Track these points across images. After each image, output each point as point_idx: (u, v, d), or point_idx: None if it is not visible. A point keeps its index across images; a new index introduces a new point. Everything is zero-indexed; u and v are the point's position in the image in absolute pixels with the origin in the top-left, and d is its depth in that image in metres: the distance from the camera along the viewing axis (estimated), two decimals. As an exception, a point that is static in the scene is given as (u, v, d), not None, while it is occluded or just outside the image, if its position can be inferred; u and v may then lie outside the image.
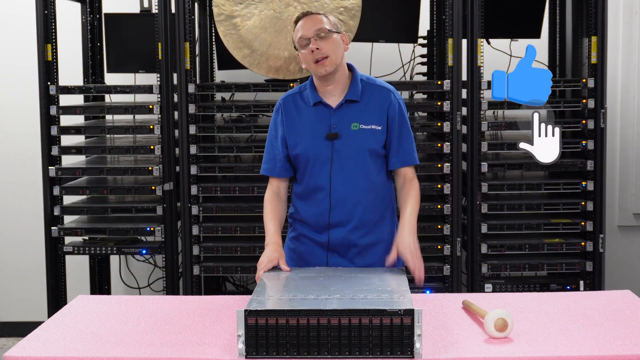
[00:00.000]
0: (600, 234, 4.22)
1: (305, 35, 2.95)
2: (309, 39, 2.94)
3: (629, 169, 5.18)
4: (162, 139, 4.29)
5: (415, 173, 3.11)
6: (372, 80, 3.07)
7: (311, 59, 2.94)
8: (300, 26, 2.98)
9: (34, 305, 5.34)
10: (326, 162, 2.99)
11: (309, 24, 2.96)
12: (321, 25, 2.95)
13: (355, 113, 2.99)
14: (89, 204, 4.45)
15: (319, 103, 3.01)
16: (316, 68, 2.95)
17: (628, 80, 5.14)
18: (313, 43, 2.93)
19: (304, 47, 2.96)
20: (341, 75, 3.01)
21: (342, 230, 3.02)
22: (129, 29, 4.74)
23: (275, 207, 3.07)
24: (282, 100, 3.10)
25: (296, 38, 2.99)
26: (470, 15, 4.16)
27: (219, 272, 4.33)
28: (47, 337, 2.49)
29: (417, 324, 2.25)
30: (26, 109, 5.17)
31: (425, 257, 4.24)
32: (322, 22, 2.96)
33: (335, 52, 2.95)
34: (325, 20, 2.98)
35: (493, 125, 4.23)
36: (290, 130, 3.03)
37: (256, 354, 2.27)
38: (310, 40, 2.93)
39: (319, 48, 2.92)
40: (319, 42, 2.93)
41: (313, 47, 2.93)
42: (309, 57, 2.95)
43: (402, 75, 4.84)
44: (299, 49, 2.99)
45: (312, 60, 2.94)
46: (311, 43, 2.93)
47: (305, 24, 2.97)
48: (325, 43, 2.93)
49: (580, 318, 2.62)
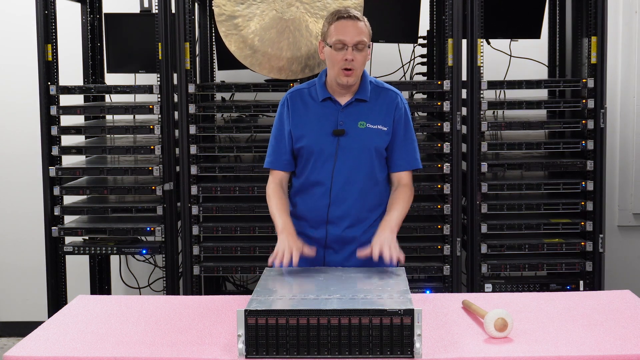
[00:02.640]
0: (600, 234, 4.22)
1: (345, 41, 2.92)
2: (348, 46, 2.92)
3: (629, 169, 5.18)
4: (162, 139, 4.29)
5: (411, 180, 3.11)
6: (380, 83, 3.10)
7: (340, 65, 2.93)
8: (343, 27, 2.94)
9: (34, 305, 5.34)
10: (330, 157, 3.00)
11: (353, 30, 2.93)
12: (363, 37, 2.93)
13: (363, 112, 3.01)
14: (89, 204, 4.45)
15: (328, 99, 3.02)
16: (339, 74, 2.94)
17: (628, 80, 5.14)
18: (350, 53, 2.91)
19: (338, 50, 2.93)
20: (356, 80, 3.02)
21: (339, 227, 3.03)
22: (129, 29, 4.74)
23: (280, 197, 3.06)
24: (288, 94, 3.10)
25: (333, 37, 2.94)
26: (470, 15, 4.16)
27: (219, 272, 4.33)
28: (47, 337, 2.49)
29: (417, 324, 2.25)
30: (26, 109, 5.17)
31: (425, 257, 4.29)
32: (364, 33, 2.94)
33: (363, 65, 2.97)
34: (366, 31, 2.96)
35: (493, 125, 4.23)
36: (296, 123, 3.04)
37: (256, 354, 2.27)
38: (349, 49, 2.91)
39: (353, 60, 2.91)
40: (356, 53, 2.92)
41: (349, 57, 2.91)
42: (338, 61, 2.93)
43: (402, 75, 4.84)
44: (330, 47, 2.95)
45: (342, 66, 2.93)
46: (348, 53, 2.91)
47: (349, 28, 2.93)
48: (359, 55, 2.93)
49: (580, 318, 2.62)
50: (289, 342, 2.27)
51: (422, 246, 4.22)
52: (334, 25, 2.96)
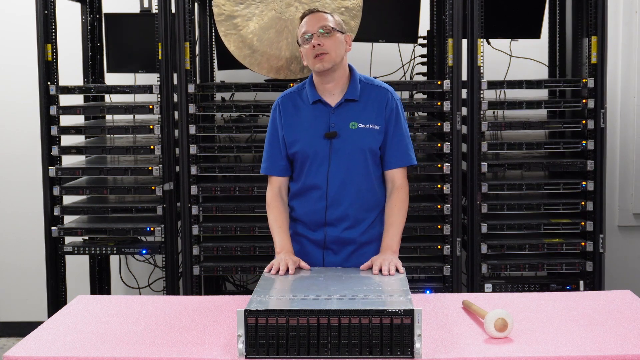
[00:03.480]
0: (600, 234, 4.22)
1: (308, 31, 2.99)
2: (312, 34, 2.97)
3: (629, 169, 5.18)
4: (162, 139, 4.29)
5: (406, 177, 3.10)
6: (370, 81, 3.09)
7: (311, 54, 2.97)
8: (305, 22, 3.03)
9: (34, 305, 5.34)
10: (324, 160, 3.00)
11: (314, 20, 3.00)
12: (325, 22, 2.99)
13: (354, 112, 3.01)
14: (89, 204, 4.45)
15: (318, 101, 3.03)
16: (314, 63, 2.98)
17: (628, 80, 5.14)
18: (315, 39, 2.96)
19: (306, 43, 2.99)
20: (341, 74, 3.02)
21: (337, 228, 3.03)
22: (129, 29, 4.74)
23: (280, 211, 3.08)
24: (279, 99, 3.11)
25: (300, 33, 3.03)
26: (470, 15, 4.16)
27: (219, 272, 4.33)
28: (47, 337, 2.49)
29: (417, 324, 2.25)
30: (26, 109, 5.17)
31: (425, 257, 4.29)
32: (327, 20, 3.00)
33: (336, 50, 2.98)
34: (330, 18, 3.02)
35: (493, 125, 4.23)
36: (288, 128, 3.04)
37: (256, 354, 2.27)
38: (313, 36, 2.97)
39: (320, 44, 2.96)
40: (322, 38, 2.97)
41: (315, 43, 2.96)
42: (309, 53, 2.98)
43: (402, 75, 4.84)
44: (301, 44, 3.03)
45: (312, 55, 2.97)
46: (313, 39, 2.97)
47: (310, 20, 3.01)
48: (327, 40, 2.97)
49: (580, 318, 2.62)
50: (289, 342, 2.26)
51: (422, 246, 4.22)
52: (300, 24, 3.06)
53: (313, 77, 3.07)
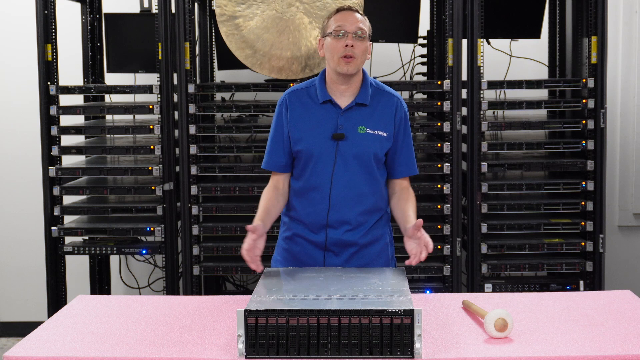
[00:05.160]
0: (600, 234, 4.22)
1: (345, 28, 2.92)
2: (348, 33, 2.91)
3: (629, 169, 5.18)
4: (162, 139, 4.29)
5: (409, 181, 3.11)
6: (381, 86, 3.06)
7: (340, 52, 2.91)
8: (342, 16, 2.95)
9: (34, 305, 5.34)
10: (329, 162, 2.98)
11: (353, 19, 2.94)
12: (363, 26, 2.94)
13: (363, 116, 2.98)
14: (89, 204, 4.45)
15: (328, 102, 2.99)
16: (339, 63, 2.91)
17: (628, 80, 5.14)
18: (350, 39, 2.90)
19: (337, 38, 2.92)
20: (357, 78, 2.99)
21: (339, 231, 3.01)
22: (129, 29, 4.74)
23: (268, 198, 3.04)
24: (287, 94, 3.06)
25: (332, 25, 2.94)
26: (470, 15, 4.16)
27: (219, 272, 4.33)
28: (47, 337, 2.49)
29: (417, 324, 2.25)
30: (26, 109, 5.18)
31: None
32: (364, 24, 2.96)
33: (363, 56, 2.94)
34: (367, 23, 2.98)
35: (493, 125, 4.23)
36: (294, 125, 3.01)
37: (256, 354, 2.27)
38: (348, 36, 2.91)
39: (353, 46, 2.90)
40: (356, 41, 2.91)
41: (349, 43, 2.90)
42: (338, 49, 2.91)
43: (402, 75, 4.84)
44: (331, 36, 2.94)
45: (341, 54, 2.90)
46: (348, 38, 2.90)
47: (348, 17, 2.94)
48: (359, 44, 2.92)
49: (580, 318, 2.62)
50: (289, 342, 2.26)
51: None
52: (334, 16, 2.98)
53: (326, 76, 3.02)
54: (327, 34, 2.96)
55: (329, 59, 2.95)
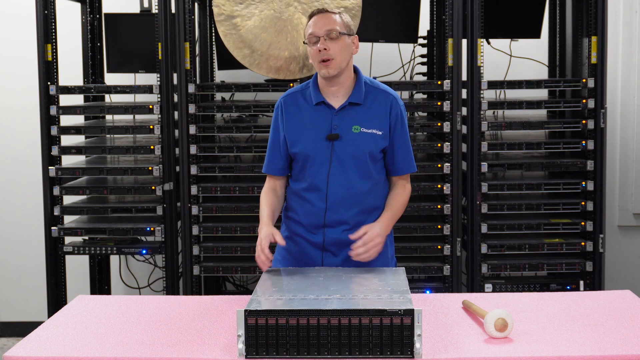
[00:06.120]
0: (600, 234, 4.22)
1: (315, 33, 2.94)
2: (319, 37, 2.93)
3: (629, 169, 5.18)
4: (162, 139, 4.29)
5: (409, 177, 3.12)
6: (375, 84, 3.07)
7: (317, 58, 2.94)
8: (312, 22, 2.97)
9: (34, 305, 5.34)
10: (324, 162, 2.99)
11: (322, 22, 2.95)
12: (333, 26, 2.94)
13: (357, 116, 2.99)
14: (89, 204, 4.45)
15: (322, 103, 3.01)
16: (319, 67, 2.95)
17: (628, 80, 5.14)
18: (322, 43, 2.92)
19: (312, 44, 2.95)
20: (346, 77, 3.00)
21: (337, 230, 3.02)
22: (129, 29, 4.74)
23: (270, 198, 3.09)
24: (282, 98, 3.09)
25: (307, 33, 2.98)
26: (470, 15, 4.16)
27: (219, 272, 4.33)
28: (47, 337, 2.49)
29: (417, 324, 2.25)
30: (26, 109, 5.17)
31: (425, 257, 4.29)
32: (335, 23, 2.95)
33: (342, 55, 2.94)
34: (338, 20, 2.97)
35: (493, 125, 4.23)
36: (290, 128, 3.03)
37: (256, 354, 2.27)
38: (320, 39, 2.93)
39: (326, 49, 2.91)
40: (328, 42, 2.92)
41: (321, 47, 2.92)
42: (315, 55, 2.95)
43: (402, 75, 4.84)
44: (308, 44, 2.98)
45: (318, 59, 2.94)
46: (320, 42, 2.92)
47: (318, 21, 2.96)
48: (333, 44, 2.92)
49: (580, 318, 2.62)
50: (289, 342, 2.26)
51: (422, 246, 4.22)
52: (308, 23, 3.01)
53: (317, 78, 3.04)
54: (305, 42, 3.01)
55: (313, 65, 3.00)
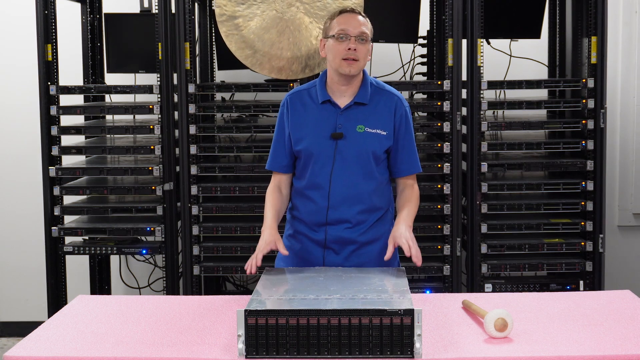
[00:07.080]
0: (600, 234, 4.22)
1: (348, 31, 2.95)
2: (351, 36, 2.94)
3: (629, 169, 5.18)
4: (162, 139, 4.29)
5: (415, 178, 3.13)
6: (381, 85, 3.09)
7: (342, 55, 2.94)
8: (345, 19, 2.97)
9: (34, 305, 5.34)
10: (328, 161, 3.00)
11: (356, 22, 2.97)
12: (366, 29, 2.98)
13: (362, 115, 3.00)
14: (89, 204, 4.45)
15: (327, 102, 3.02)
16: (341, 64, 2.95)
17: (628, 80, 5.14)
18: (352, 42, 2.93)
19: (340, 41, 2.95)
20: (357, 78, 3.03)
21: (338, 228, 3.03)
22: (129, 29, 4.74)
23: (275, 199, 3.10)
24: (288, 95, 3.11)
25: (335, 28, 2.97)
26: (470, 15, 4.16)
27: (219, 272, 4.33)
28: (47, 337, 2.49)
29: (417, 324, 2.25)
30: (26, 109, 5.17)
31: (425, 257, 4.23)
32: (367, 27, 2.99)
33: (365, 58, 2.98)
34: (369, 26, 3.02)
35: (493, 125, 4.23)
36: (294, 126, 3.04)
37: (256, 354, 2.27)
38: (352, 39, 2.94)
39: (356, 49, 2.94)
40: (358, 44, 2.94)
41: (352, 46, 2.93)
42: (340, 52, 2.94)
43: (402, 75, 4.84)
44: (333, 39, 2.96)
45: (343, 56, 2.94)
46: (351, 42, 2.93)
47: (352, 20, 2.97)
48: (362, 47, 2.95)
49: (580, 318, 2.62)
50: (289, 342, 2.27)
51: (422, 246, 4.14)
52: (337, 18, 3.00)
53: (329, 76, 3.04)
54: (330, 36, 2.98)
55: (331, 60, 2.98)
